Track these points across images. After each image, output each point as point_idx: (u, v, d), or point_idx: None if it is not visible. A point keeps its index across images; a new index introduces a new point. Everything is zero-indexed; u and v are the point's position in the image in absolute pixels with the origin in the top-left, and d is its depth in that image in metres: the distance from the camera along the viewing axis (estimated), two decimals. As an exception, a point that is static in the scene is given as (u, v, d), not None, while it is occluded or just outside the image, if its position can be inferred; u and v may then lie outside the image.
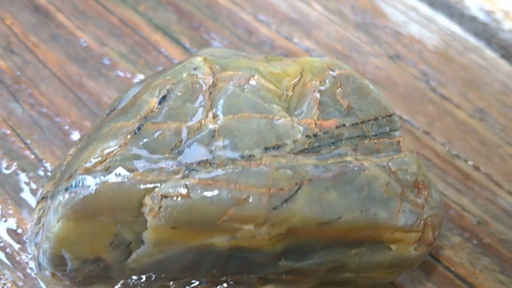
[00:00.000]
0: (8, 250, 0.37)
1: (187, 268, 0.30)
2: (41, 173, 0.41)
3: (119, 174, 0.27)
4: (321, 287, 0.34)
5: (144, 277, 0.31)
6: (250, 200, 0.27)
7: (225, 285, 0.34)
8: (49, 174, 0.41)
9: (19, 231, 0.38)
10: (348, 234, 0.28)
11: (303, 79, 0.33)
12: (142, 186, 0.27)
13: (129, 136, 0.29)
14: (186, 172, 0.27)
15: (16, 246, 0.37)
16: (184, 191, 0.27)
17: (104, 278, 0.31)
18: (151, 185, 0.27)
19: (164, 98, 0.30)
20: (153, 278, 0.31)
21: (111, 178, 0.27)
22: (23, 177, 0.41)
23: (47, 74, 0.49)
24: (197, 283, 0.33)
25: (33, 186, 0.40)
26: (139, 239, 0.28)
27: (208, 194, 0.27)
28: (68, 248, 0.28)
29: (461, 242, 0.41)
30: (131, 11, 0.56)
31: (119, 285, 0.32)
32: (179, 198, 0.27)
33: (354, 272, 0.32)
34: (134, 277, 0.31)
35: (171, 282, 0.32)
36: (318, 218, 0.28)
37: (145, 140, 0.28)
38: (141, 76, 0.50)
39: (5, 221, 0.38)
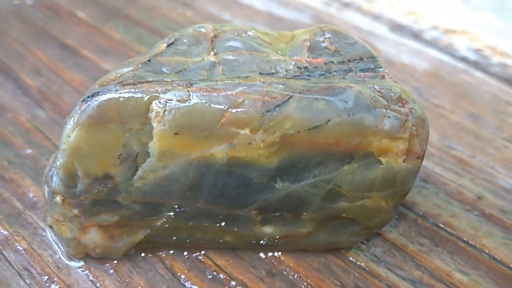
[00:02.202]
0: (21, 213, 0.39)
1: (188, 189, 0.32)
2: (58, 157, 0.44)
3: (130, 84, 0.30)
4: (318, 228, 0.35)
5: (148, 206, 0.33)
6: (246, 103, 0.30)
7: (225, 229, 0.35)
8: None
9: (34, 199, 0.40)
10: (338, 142, 0.30)
11: (295, 38, 0.37)
12: (149, 94, 0.30)
13: (140, 65, 0.32)
14: (189, 84, 0.31)
15: (30, 211, 0.39)
16: (186, 96, 0.30)
17: (111, 204, 0.32)
18: (158, 93, 0.30)
19: (172, 43, 0.35)
20: (157, 208, 0.33)
21: (123, 87, 0.30)
22: (41, 159, 0.44)
23: (70, 90, 0.54)
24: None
25: (50, 168, 0.43)
26: (145, 151, 0.31)
27: (207, 98, 0.30)
28: (80, 161, 0.31)
29: (461, 212, 0.41)
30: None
31: (123, 218, 0.34)
32: (182, 102, 0.30)
33: (349, 200, 0.33)
34: (139, 207, 0.33)
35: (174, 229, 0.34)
36: (308, 122, 0.30)
37: (154, 67, 0.32)
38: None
39: (21, 191, 0.41)
